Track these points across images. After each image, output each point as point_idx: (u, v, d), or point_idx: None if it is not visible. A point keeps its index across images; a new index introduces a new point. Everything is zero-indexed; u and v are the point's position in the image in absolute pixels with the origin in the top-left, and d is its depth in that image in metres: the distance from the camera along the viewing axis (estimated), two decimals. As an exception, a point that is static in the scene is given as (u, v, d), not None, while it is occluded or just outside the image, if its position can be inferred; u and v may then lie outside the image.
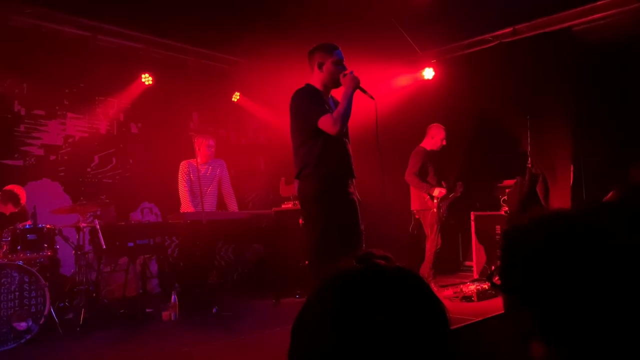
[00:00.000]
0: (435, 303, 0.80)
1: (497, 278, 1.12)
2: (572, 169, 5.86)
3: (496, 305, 4.79)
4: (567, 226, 1.00)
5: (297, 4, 5.57)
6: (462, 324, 3.75)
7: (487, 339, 3.78)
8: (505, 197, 6.27)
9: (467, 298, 4.89)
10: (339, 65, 3.43)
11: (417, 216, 5.78)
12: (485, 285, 5.07)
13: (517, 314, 1.02)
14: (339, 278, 0.82)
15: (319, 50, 3.48)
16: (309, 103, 3.37)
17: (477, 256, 6.37)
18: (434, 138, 5.77)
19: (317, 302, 0.82)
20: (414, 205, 5.75)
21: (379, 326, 0.74)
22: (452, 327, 0.81)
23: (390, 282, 0.79)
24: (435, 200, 5.53)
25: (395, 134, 6.18)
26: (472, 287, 5.00)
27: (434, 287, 5.40)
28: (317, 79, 3.48)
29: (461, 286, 5.15)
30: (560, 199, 5.77)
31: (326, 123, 3.26)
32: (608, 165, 5.51)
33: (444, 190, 5.52)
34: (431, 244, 5.58)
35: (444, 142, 5.77)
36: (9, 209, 4.76)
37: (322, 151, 3.32)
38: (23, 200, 4.82)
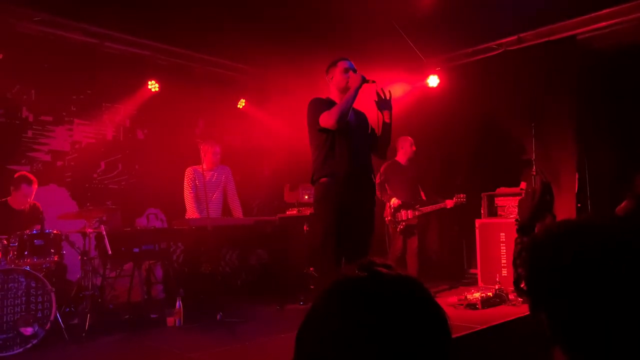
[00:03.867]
0: (437, 310, 0.81)
1: (523, 284, 1.09)
2: (576, 177, 5.86)
3: (500, 313, 4.80)
4: (602, 238, 0.97)
5: (302, 13, 5.60)
6: (466, 332, 3.75)
7: (491, 347, 3.78)
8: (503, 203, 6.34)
9: (471, 305, 4.88)
10: (345, 73, 3.65)
11: (387, 223, 6.07)
12: (490, 293, 5.06)
13: (540, 319, 1.01)
14: (341, 286, 0.83)
15: (328, 67, 3.76)
16: (314, 108, 3.60)
17: (482, 264, 6.35)
18: (404, 148, 6.09)
19: (320, 310, 0.83)
20: (384, 213, 6.06)
21: (382, 333, 0.74)
22: (454, 335, 0.82)
23: (392, 290, 0.80)
24: (390, 210, 5.90)
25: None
26: (477, 295, 4.99)
27: None
28: (333, 92, 3.72)
29: (465, 293, 5.13)
30: (565, 207, 5.76)
31: (324, 118, 3.48)
32: (613, 173, 5.50)
33: (397, 201, 5.85)
34: (390, 250, 5.90)
35: (414, 148, 6.10)
36: (21, 198, 4.78)
37: (327, 157, 3.53)
38: (35, 185, 4.85)
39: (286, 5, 5.54)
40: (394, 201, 5.87)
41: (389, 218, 5.93)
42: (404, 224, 5.90)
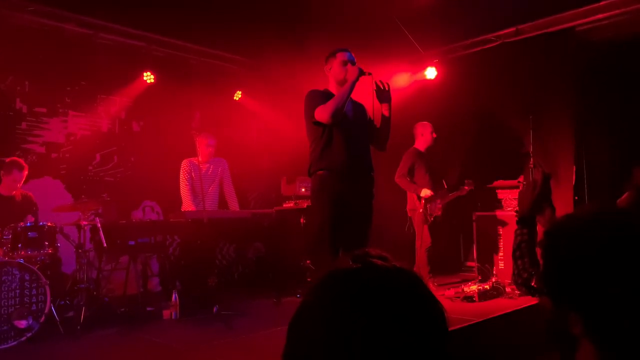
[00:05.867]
0: (433, 302, 0.79)
1: (533, 282, 1.05)
2: (574, 169, 5.84)
3: (497, 306, 4.80)
4: (632, 229, 0.95)
5: (300, 4, 5.56)
6: (463, 325, 3.74)
7: (488, 340, 3.77)
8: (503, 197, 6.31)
9: (468, 298, 4.88)
10: (343, 65, 3.58)
11: (409, 215, 5.91)
12: (487, 286, 5.06)
13: (564, 316, 0.96)
14: (333, 277, 0.81)
15: (327, 57, 3.68)
16: (310, 100, 3.53)
17: (479, 256, 6.35)
18: (424, 135, 5.92)
19: (311, 301, 0.81)
20: (408, 205, 5.90)
21: (374, 327, 0.72)
22: (450, 327, 0.80)
23: (385, 281, 0.78)
24: (422, 201, 5.66)
25: (398, 134, 6.15)
26: (474, 288, 4.98)
27: (432, 286, 5.46)
28: (331, 83, 3.66)
29: (462, 286, 5.13)
30: (562, 200, 5.75)
31: (319, 112, 3.42)
32: (610, 165, 5.49)
33: (429, 192, 5.63)
34: (420, 243, 5.71)
35: (434, 135, 5.91)
36: (10, 183, 4.73)
37: (324, 149, 3.48)
38: (26, 171, 4.81)
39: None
40: (426, 192, 5.61)
41: (420, 210, 5.65)
42: (433, 216, 5.68)
